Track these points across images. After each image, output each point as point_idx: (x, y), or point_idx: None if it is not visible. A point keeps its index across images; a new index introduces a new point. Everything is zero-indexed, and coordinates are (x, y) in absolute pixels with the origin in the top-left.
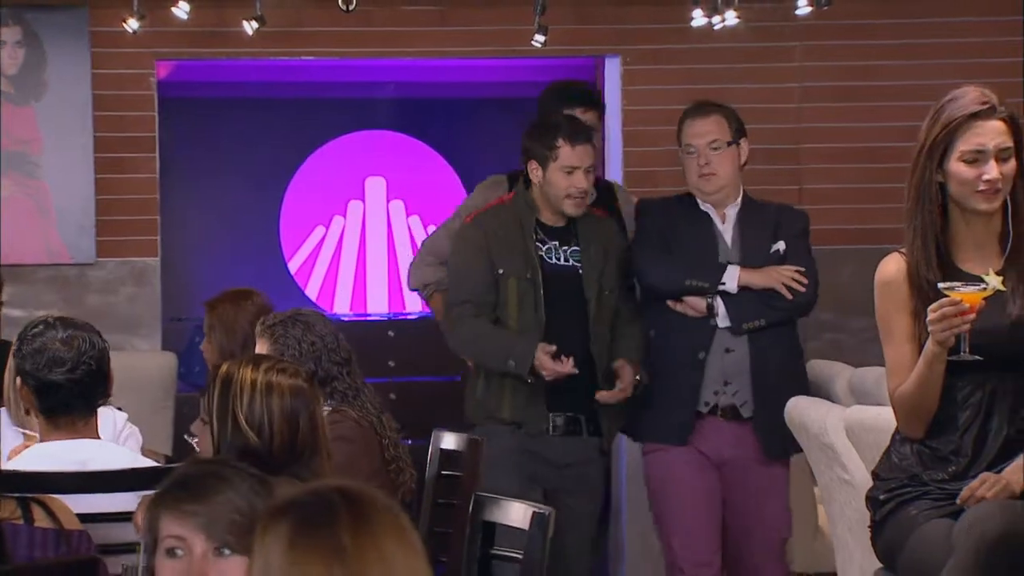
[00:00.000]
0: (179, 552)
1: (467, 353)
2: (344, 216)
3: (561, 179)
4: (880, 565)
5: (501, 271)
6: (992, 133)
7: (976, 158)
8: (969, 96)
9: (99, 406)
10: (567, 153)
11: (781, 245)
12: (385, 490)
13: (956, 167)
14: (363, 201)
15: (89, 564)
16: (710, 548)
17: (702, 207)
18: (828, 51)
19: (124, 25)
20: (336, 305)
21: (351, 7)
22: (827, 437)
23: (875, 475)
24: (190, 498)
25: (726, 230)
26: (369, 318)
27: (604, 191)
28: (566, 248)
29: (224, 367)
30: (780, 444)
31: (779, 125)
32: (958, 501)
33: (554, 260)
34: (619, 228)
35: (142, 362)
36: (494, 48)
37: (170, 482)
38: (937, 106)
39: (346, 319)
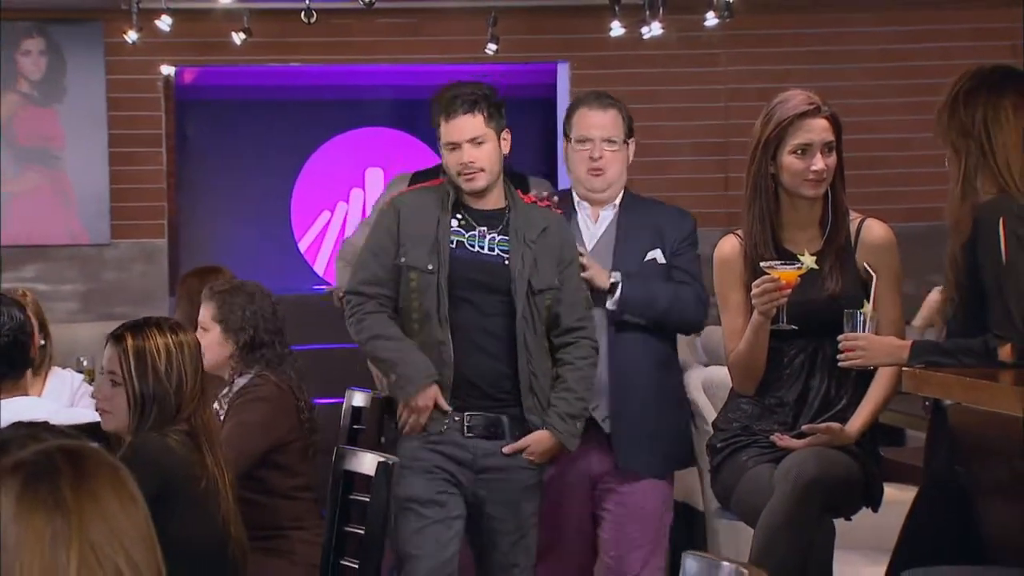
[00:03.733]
0: None
1: (364, 347)
2: (347, 202)
3: (449, 158)
4: (718, 505)
5: (404, 259)
6: (818, 130)
7: (805, 151)
8: (797, 98)
9: (26, 369)
10: (445, 129)
11: (658, 254)
12: (300, 444)
13: (787, 160)
14: (363, 189)
15: None
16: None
17: (576, 207)
18: (749, 58)
19: (124, 36)
20: None
21: (312, 20)
22: (690, 393)
23: (715, 426)
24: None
25: (596, 232)
26: None
27: (517, 183)
28: (494, 236)
29: (128, 339)
30: (641, 460)
31: (709, 122)
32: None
33: (477, 248)
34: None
35: None
36: (462, 55)
37: None
38: (769, 107)
39: None
